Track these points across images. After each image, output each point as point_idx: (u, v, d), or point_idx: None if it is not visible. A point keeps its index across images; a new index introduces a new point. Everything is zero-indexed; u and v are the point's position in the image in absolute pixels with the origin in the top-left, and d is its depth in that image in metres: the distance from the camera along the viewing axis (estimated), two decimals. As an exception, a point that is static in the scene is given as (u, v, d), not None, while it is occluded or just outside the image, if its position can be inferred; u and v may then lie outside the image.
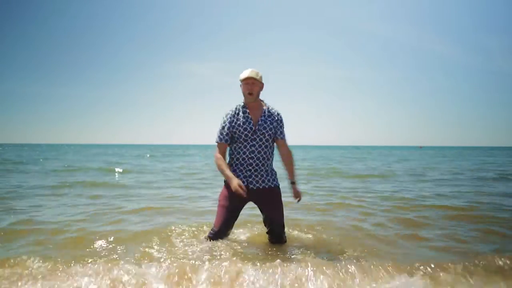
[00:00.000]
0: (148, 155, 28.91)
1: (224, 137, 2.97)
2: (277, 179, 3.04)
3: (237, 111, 2.99)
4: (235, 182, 2.77)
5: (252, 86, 2.94)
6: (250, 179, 2.93)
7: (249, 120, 2.95)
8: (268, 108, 3.04)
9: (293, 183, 3.05)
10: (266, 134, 2.95)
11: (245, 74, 2.97)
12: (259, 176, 2.96)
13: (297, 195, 3.03)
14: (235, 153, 2.98)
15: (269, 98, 3.43)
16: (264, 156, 2.96)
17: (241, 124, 2.95)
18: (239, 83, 3.00)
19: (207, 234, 3.06)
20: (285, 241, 3.18)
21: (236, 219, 3.00)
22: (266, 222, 3.10)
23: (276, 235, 3.12)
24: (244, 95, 2.99)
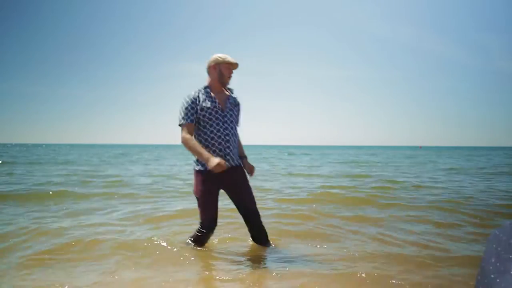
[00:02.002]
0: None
1: (190, 117, 2.98)
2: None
3: (199, 94, 3.06)
4: (216, 160, 2.75)
5: (232, 72, 3.15)
6: (228, 157, 3.00)
7: (216, 101, 3.05)
8: (232, 95, 3.18)
9: (245, 157, 3.17)
10: (234, 116, 3.11)
11: (232, 59, 3.12)
12: (233, 153, 3.06)
13: (251, 168, 3.11)
14: (208, 132, 3.00)
15: (270, 97, 3.34)
16: (235, 134, 3.10)
17: (209, 105, 3.02)
18: (215, 62, 3.05)
19: (194, 232, 3.08)
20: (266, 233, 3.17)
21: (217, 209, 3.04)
22: (241, 212, 3.10)
23: (256, 227, 3.10)
24: (224, 77, 3.07)
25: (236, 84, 3.80)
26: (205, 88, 3.10)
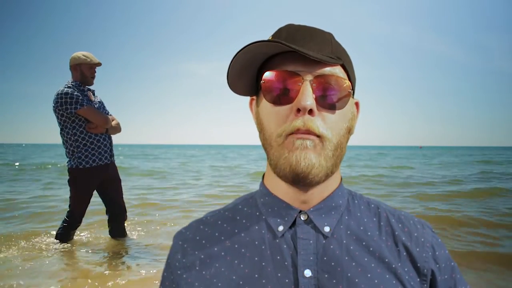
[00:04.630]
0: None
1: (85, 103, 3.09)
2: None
3: (75, 90, 3.08)
4: None
5: (95, 71, 3.20)
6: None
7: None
8: (97, 99, 3.38)
9: None
10: None
11: (94, 59, 3.12)
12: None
13: None
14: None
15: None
16: None
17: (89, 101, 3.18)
18: (76, 62, 3.07)
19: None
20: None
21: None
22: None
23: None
24: (87, 78, 3.15)
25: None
26: (79, 85, 3.15)
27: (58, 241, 3.39)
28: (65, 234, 3.38)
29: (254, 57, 0.59)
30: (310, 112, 0.57)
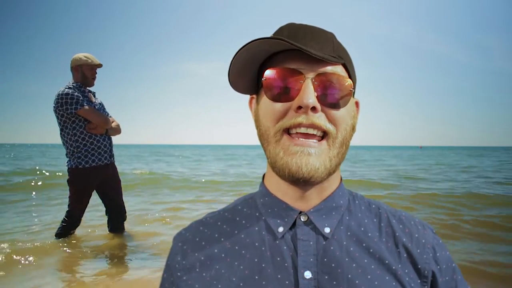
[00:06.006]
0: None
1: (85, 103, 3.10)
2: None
3: (76, 91, 3.09)
4: None
5: (96, 72, 3.23)
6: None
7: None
8: (97, 101, 3.37)
9: None
10: None
11: (95, 60, 3.15)
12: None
13: None
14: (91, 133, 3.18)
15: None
16: None
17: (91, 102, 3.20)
18: (77, 63, 3.10)
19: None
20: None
21: None
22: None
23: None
24: (88, 79, 3.17)
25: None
26: (80, 86, 3.17)
27: (57, 240, 3.39)
28: (64, 233, 3.39)
29: (256, 55, 0.59)
30: (313, 109, 0.56)
